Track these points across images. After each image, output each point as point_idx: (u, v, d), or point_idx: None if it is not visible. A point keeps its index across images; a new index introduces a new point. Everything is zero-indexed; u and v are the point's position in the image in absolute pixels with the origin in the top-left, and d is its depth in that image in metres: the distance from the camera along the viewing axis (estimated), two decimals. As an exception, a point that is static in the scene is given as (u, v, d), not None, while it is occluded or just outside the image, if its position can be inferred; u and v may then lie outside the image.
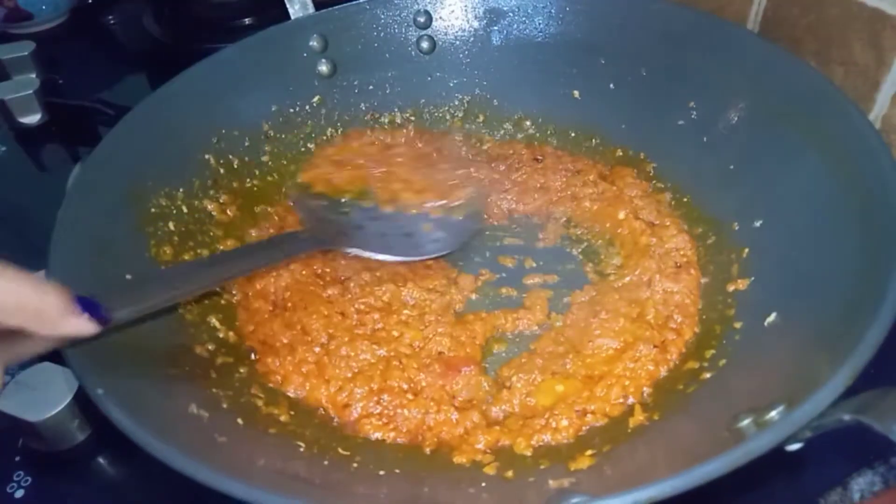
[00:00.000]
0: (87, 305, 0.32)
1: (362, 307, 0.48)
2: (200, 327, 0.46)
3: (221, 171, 0.55)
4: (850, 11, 0.52)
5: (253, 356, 0.46)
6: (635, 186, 0.56)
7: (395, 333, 0.47)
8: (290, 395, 0.43)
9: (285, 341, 0.46)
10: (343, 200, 0.54)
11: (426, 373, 0.44)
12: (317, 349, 0.45)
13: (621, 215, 0.54)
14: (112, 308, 0.34)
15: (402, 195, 0.55)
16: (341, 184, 0.56)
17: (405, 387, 0.43)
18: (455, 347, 0.46)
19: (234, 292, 0.50)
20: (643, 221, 0.53)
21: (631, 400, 0.42)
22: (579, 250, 0.54)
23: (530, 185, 0.59)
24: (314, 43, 0.60)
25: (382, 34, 0.62)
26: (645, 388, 0.42)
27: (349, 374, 0.44)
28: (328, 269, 0.51)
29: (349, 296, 0.49)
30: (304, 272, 0.50)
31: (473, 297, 0.51)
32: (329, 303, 0.48)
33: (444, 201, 0.55)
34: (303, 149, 0.61)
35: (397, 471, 0.37)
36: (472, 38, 0.63)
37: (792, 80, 0.47)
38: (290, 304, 0.48)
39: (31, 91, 0.74)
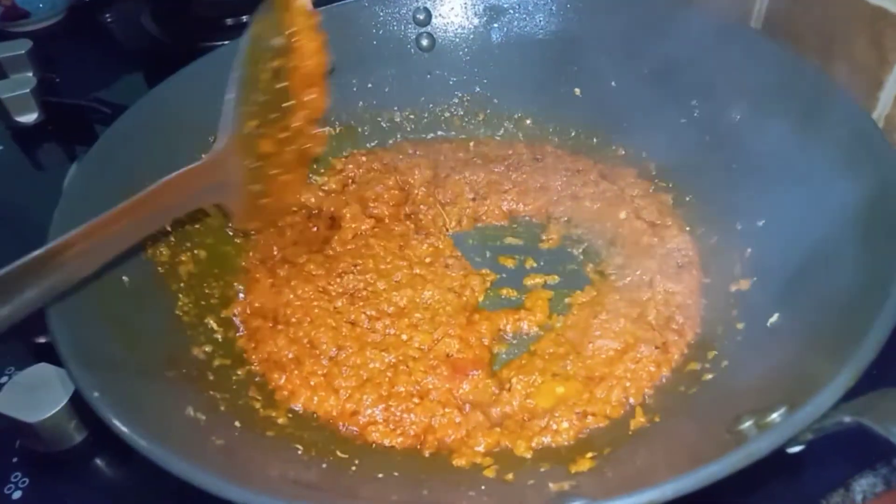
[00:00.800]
0: None
1: (374, 314, 0.48)
2: (198, 329, 0.45)
3: (219, 170, 0.54)
4: (852, 10, 0.52)
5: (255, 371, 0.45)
6: (636, 186, 0.56)
7: (405, 337, 0.46)
8: (298, 409, 0.43)
9: (291, 356, 0.45)
10: None
11: (433, 375, 0.44)
12: (325, 361, 0.45)
13: (622, 215, 0.54)
14: None
15: None
16: None
17: (412, 390, 0.43)
18: (464, 349, 0.45)
19: (235, 311, 0.49)
20: (644, 221, 0.53)
21: (632, 401, 0.42)
22: (580, 250, 0.54)
23: (530, 185, 0.58)
24: (312, 41, 0.60)
25: (381, 32, 0.62)
26: (646, 390, 0.42)
27: (357, 383, 0.44)
28: (332, 285, 0.50)
29: (360, 304, 0.48)
30: (306, 288, 0.49)
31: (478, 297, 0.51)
32: (338, 314, 0.48)
33: None
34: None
35: (396, 474, 0.37)
36: (472, 36, 0.63)
37: (794, 79, 0.47)
38: (293, 320, 0.48)
39: (27, 90, 0.74)
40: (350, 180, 0.60)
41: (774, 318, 0.40)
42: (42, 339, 0.50)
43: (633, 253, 0.51)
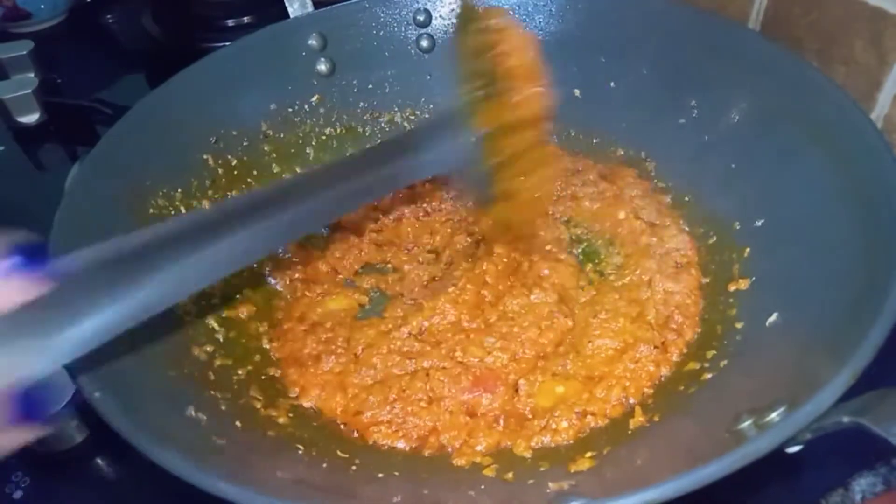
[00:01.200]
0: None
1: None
2: (199, 329, 0.45)
3: (220, 171, 0.55)
4: (851, 11, 0.52)
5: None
6: (636, 186, 0.56)
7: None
8: (301, 406, 0.43)
9: (314, 353, 0.45)
10: None
11: (452, 385, 0.42)
12: (343, 360, 0.45)
13: (621, 215, 0.54)
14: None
15: None
16: None
17: (424, 396, 0.43)
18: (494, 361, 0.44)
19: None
20: (643, 221, 0.53)
21: (631, 401, 0.42)
22: (579, 250, 0.54)
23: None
24: (313, 41, 0.60)
25: (382, 33, 0.62)
26: (645, 390, 0.42)
27: (368, 383, 0.43)
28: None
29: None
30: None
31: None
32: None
33: None
34: (303, 149, 0.61)
35: (396, 473, 0.37)
36: (471, 37, 0.63)
37: (793, 79, 0.47)
38: (328, 326, 0.48)
39: (29, 90, 0.74)
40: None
41: (773, 317, 0.40)
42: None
43: (633, 253, 0.51)
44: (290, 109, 0.60)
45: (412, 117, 0.65)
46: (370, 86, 0.63)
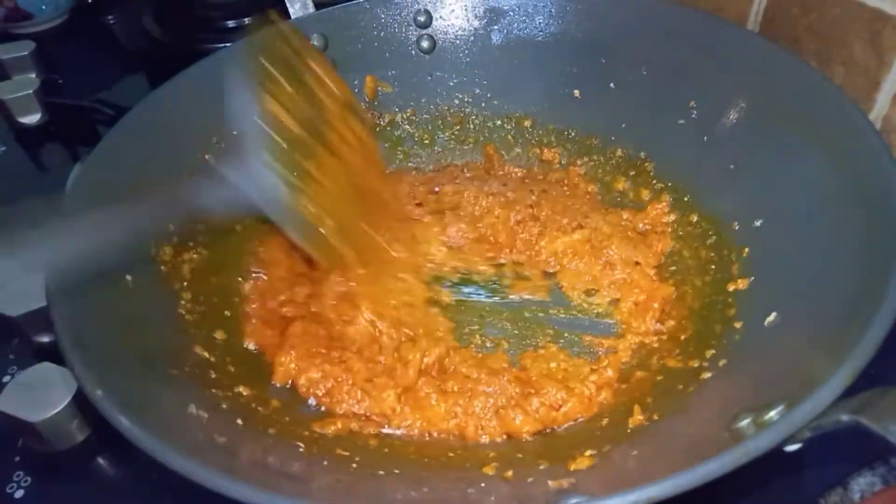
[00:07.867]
0: None
1: None
2: (200, 327, 0.46)
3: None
4: (850, 11, 0.52)
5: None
6: (635, 188, 0.56)
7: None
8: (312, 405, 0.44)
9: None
10: None
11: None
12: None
13: (623, 217, 0.54)
14: None
15: None
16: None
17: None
18: None
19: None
20: (643, 222, 0.54)
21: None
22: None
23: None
24: (314, 42, 0.60)
25: (383, 34, 0.62)
26: (648, 398, 0.42)
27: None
28: None
29: None
30: None
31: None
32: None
33: None
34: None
35: (396, 471, 0.37)
36: (472, 38, 0.63)
37: (792, 80, 0.47)
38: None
39: (30, 91, 0.74)
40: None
41: (772, 317, 0.40)
42: (45, 339, 0.50)
43: (632, 254, 0.52)
44: (291, 109, 0.60)
45: (413, 118, 0.65)
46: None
